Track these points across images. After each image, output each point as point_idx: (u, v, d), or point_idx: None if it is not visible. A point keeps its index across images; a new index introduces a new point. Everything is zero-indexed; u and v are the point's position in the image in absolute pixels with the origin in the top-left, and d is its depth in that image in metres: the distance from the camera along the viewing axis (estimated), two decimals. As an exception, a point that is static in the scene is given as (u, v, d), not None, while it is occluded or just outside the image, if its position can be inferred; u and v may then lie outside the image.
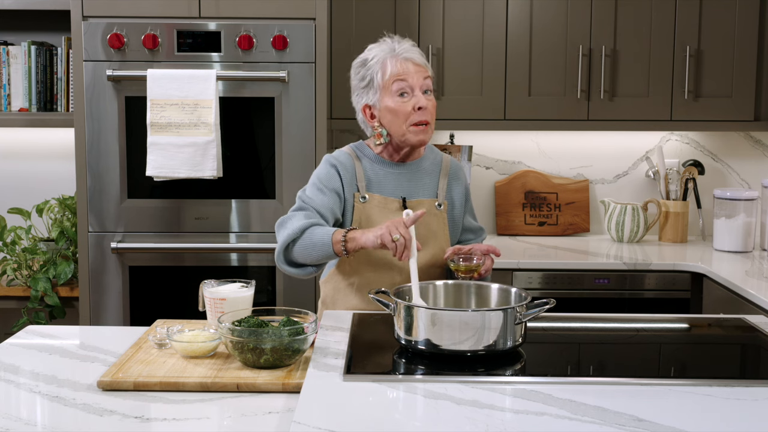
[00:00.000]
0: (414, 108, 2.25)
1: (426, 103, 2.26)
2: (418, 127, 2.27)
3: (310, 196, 2.27)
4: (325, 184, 2.28)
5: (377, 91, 2.28)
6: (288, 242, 2.19)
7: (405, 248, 2.03)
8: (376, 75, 2.27)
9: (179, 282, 3.24)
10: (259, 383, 1.75)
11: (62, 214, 3.45)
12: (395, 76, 2.25)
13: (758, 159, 3.86)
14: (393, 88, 2.25)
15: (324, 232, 2.16)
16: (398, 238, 2.03)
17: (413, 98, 2.25)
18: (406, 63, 2.25)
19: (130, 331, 2.18)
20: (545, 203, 3.85)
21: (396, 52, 2.27)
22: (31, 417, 1.64)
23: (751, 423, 1.48)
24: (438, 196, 2.38)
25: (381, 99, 2.28)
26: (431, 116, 2.28)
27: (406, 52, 2.27)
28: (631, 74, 3.54)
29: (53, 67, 3.55)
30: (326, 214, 2.25)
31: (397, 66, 2.25)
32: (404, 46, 2.28)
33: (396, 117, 2.27)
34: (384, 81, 2.26)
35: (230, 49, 3.16)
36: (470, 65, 3.54)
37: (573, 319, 2.21)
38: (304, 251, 2.18)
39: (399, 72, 2.25)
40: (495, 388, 1.62)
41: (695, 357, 1.95)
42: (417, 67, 2.26)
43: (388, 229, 2.05)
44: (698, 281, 3.23)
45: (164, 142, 3.10)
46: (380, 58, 2.27)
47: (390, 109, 2.27)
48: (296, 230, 2.17)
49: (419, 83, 2.26)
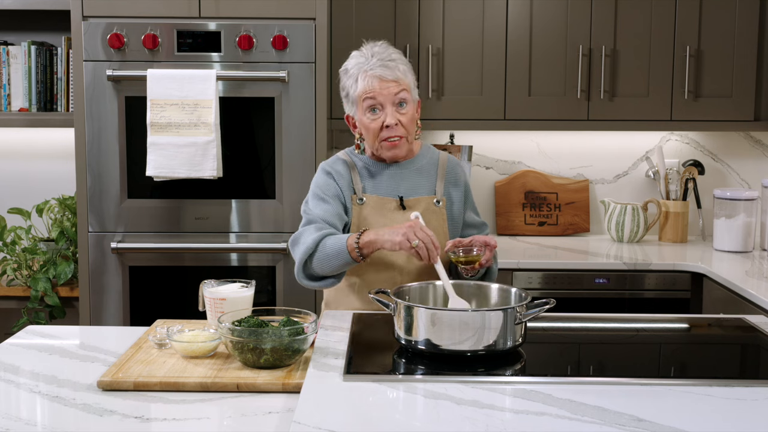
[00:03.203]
0: (383, 125, 2.25)
1: (394, 120, 2.24)
2: (389, 143, 2.27)
3: (314, 208, 2.27)
4: (325, 192, 2.29)
5: (353, 104, 2.30)
6: (305, 258, 2.18)
7: (428, 250, 2.04)
8: (351, 89, 2.28)
9: (179, 282, 3.24)
10: (259, 383, 1.75)
11: (62, 214, 3.45)
12: (364, 93, 2.24)
13: (758, 159, 3.86)
14: (364, 105, 2.26)
15: (337, 241, 2.15)
16: (418, 244, 2.03)
17: (383, 114, 2.25)
18: (374, 80, 2.23)
19: (130, 331, 2.18)
20: (545, 203, 3.85)
21: (366, 68, 2.24)
22: (31, 417, 1.64)
23: (751, 423, 1.48)
24: (436, 193, 2.38)
25: (356, 113, 2.30)
26: (406, 128, 2.27)
27: (375, 68, 2.23)
28: (631, 74, 3.54)
29: (53, 67, 3.55)
30: (334, 221, 2.25)
31: (366, 83, 2.24)
32: (373, 61, 2.24)
33: (367, 133, 2.29)
34: (356, 96, 2.27)
35: (230, 49, 3.16)
36: (470, 65, 3.54)
37: (573, 319, 2.21)
38: (322, 264, 2.17)
39: (367, 89, 2.24)
40: (495, 388, 1.62)
41: (695, 357, 1.95)
42: (385, 84, 2.23)
43: (405, 236, 2.05)
44: (698, 281, 3.23)
45: (164, 142, 3.10)
46: (354, 74, 2.27)
47: (363, 124, 2.29)
48: (310, 245, 2.17)
49: (390, 99, 2.24)
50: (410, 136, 2.30)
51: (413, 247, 2.04)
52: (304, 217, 2.28)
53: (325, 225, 2.22)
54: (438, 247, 2.06)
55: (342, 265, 2.16)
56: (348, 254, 2.13)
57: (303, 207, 2.31)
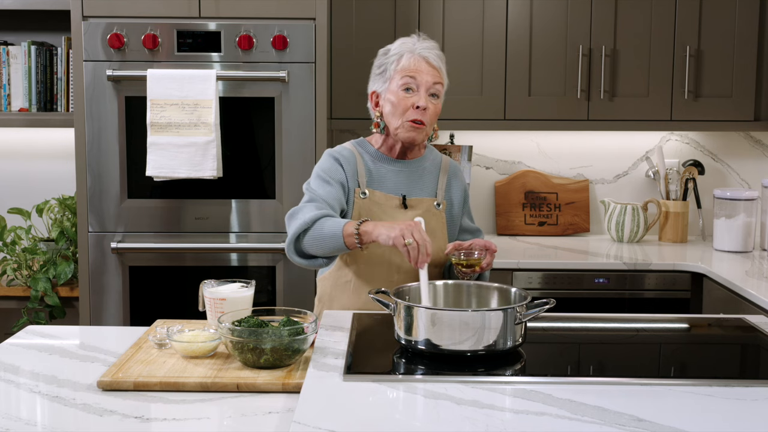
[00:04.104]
0: (413, 105, 2.26)
1: (426, 104, 2.26)
2: (412, 124, 2.28)
3: (317, 188, 2.27)
4: (330, 176, 2.29)
5: (387, 80, 2.31)
6: (299, 233, 2.18)
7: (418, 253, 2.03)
8: (391, 66, 2.30)
9: (179, 282, 3.24)
10: (259, 383, 1.75)
11: (62, 214, 3.45)
12: (406, 71, 2.27)
13: (758, 159, 3.86)
14: (401, 81, 2.27)
15: (335, 224, 2.15)
16: (410, 243, 2.03)
17: (416, 96, 2.27)
18: (420, 61, 2.27)
19: (130, 331, 2.18)
20: (545, 203, 3.85)
21: (414, 48, 2.29)
22: (31, 417, 1.64)
23: (751, 423, 1.48)
24: (437, 196, 2.38)
25: (388, 88, 2.30)
26: (429, 119, 2.28)
27: (425, 51, 2.28)
28: (631, 74, 3.54)
29: (53, 67, 3.55)
30: (334, 204, 2.25)
31: (411, 61, 2.27)
32: (426, 44, 2.30)
33: (395, 109, 2.29)
34: (395, 72, 2.28)
35: (230, 49, 3.16)
36: (470, 65, 3.54)
37: (573, 319, 2.21)
38: (315, 242, 2.17)
39: (410, 67, 2.27)
40: (495, 388, 1.62)
41: (695, 357, 1.95)
42: (429, 68, 2.27)
43: (401, 232, 2.05)
44: (698, 281, 3.23)
45: (164, 142, 3.10)
46: (399, 51, 2.30)
47: (391, 101, 2.29)
48: (307, 221, 2.17)
49: (427, 84, 2.27)
50: (429, 128, 2.31)
51: (406, 245, 2.03)
52: (306, 194, 2.27)
53: (326, 206, 2.23)
54: (429, 255, 2.03)
55: (334, 248, 2.16)
56: (342, 239, 2.13)
57: (305, 186, 2.31)
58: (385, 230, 2.08)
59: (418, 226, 2.07)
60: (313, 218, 2.17)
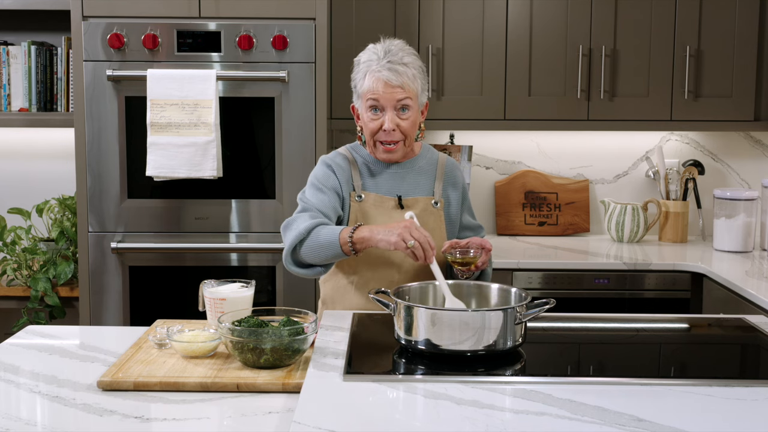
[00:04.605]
0: (381, 127, 2.25)
1: (392, 126, 2.24)
2: (384, 146, 2.28)
3: (310, 197, 2.27)
4: (324, 184, 2.29)
5: (359, 98, 2.30)
6: (295, 244, 2.18)
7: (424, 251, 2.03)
8: (358, 83, 2.29)
9: (179, 282, 3.24)
10: (259, 383, 1.75)
11: (62, 214, 3.45)
12: (369, 93, 2.24)
13: (758, 159, 3.86)
14: (367, 104, 2.26)
15: (330, 232, 2.15)
16: (413, 244, 2.03)
17: (383, 117, 2.25)
18: (379, 83, 2.22)
19: (130, 331, 2.18)
20: (545, 203, 3.85)
21: (375, 68, 2.23)
22: (31, 417, 1.64)
23: (751, 423, 1.48)
24: (434, 194, 2.38)
25: (360, 106, 2.30)
26: (405, 131, 2.26)
27: (383, 71, 2.21)
28: (631, 74, 3.54)
29: (53, 67, 3.55)
30: (329, 212, 2.25)
31: (372, 83, 2.23)
32: (384, 62, 2.22)
33: (366, 129, 2.29)
34: (361, 93, 2.27)
35: (230, 49, 3.16)
36: (470, 65, 3.54)
37: (573, 319, 2.21)
38: (312, 252, 2.17)
39: (372, 89, 2.23)
40: (495, 388, 1.62)
41: (695, 357, 1.95)
42: (389, 88, 2.21)
43: (401, 236, 2.05)
44: (698, 281, 3.23)
45: (164, 142, 3.10)
46: (364, 70, 2.26)
47: (363, 120, 2.30)
48: (302, 231, 2.17)
49: (392, 103, 2.23)
50: (409, 140, 2.29)
51: (409, 247, 2.03)
52: (300, 204, 2.28)
53: (320, 215, 2.23)
54: (434, 247, 2.05)
55: (331, 256, 2.16)
56: (339, 247, 2.13)
57: (299, 196, 2.31)
58: (383, 236, 2.08)
59: (413, 224, 2.07)
60: (308, 228, 2.17)
